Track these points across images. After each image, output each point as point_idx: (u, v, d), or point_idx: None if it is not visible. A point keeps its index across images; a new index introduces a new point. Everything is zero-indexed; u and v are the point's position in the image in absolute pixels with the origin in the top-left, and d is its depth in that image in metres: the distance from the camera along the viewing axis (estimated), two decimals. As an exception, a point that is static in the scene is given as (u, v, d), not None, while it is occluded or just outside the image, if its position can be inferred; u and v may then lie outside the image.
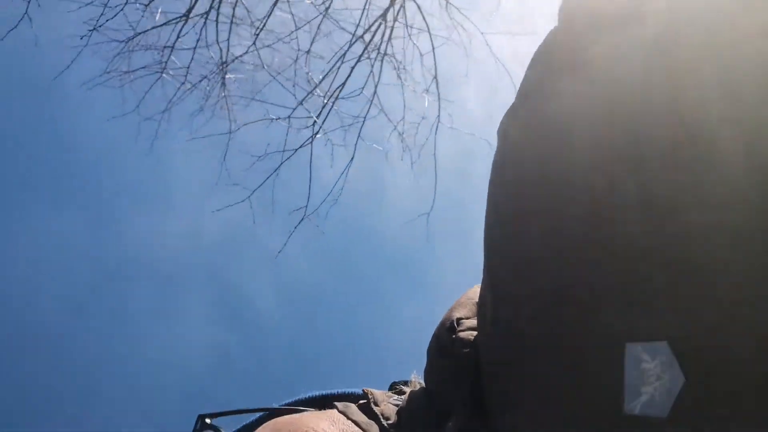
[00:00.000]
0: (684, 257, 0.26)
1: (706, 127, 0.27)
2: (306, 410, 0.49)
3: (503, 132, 0.39)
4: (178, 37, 3.78)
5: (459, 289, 0.50)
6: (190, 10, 3.82)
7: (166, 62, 3.84)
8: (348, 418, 0.43)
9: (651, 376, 0.26)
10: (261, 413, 0.52)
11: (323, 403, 0.54)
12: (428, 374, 0.45)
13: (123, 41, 3.73)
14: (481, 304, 0.40)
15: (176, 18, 3.79)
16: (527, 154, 0.35)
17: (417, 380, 0.50)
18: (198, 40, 3.77)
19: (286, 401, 0.54)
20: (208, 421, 0.46)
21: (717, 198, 0.26)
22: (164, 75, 3.83)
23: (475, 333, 0.41)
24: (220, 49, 3.86)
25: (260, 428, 0.44)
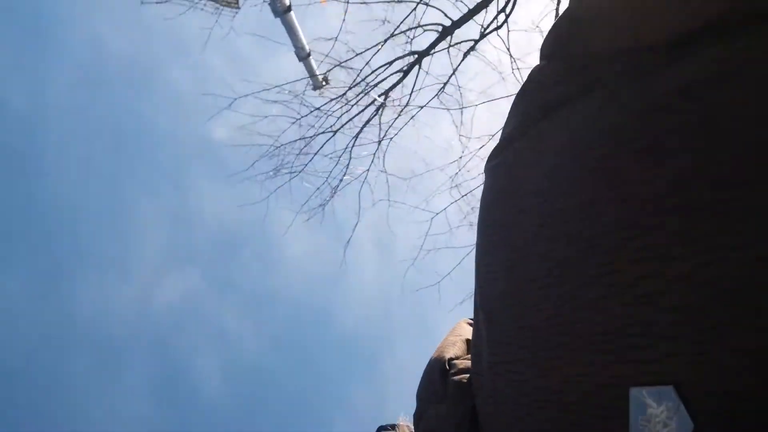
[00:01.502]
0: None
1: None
2: None
3: (493, 170, 0.39)
4: (321, 147, 5.39)
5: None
6: (335, 132, 5.44)
7: (305, 165, 5.43)
8: None
9: (657, 422, 0.25)
10: None
11: None
12: (419, 420, 0.43)
13: (274, 146, 5.40)
14: (476, 343, 0.38)
15: (324, 131, 5.41)
16: (516, 192, 0.35)
17: (406, 424, 0.48)
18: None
19: None
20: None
21: None
22: (300, 175, 5.39)
23: (469, 376, 0.39)
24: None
25: None
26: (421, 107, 5.76)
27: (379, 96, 5.72)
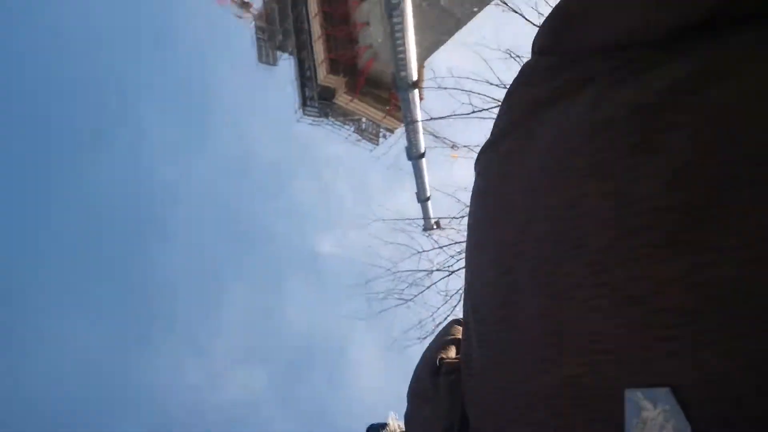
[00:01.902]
0: None
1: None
2: None
3: (482, 166, 0.38)
4: (434, 283, 5.93)
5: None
6: (452, 272, 5.93)
7: (413, 297, 5.96)
8: None
9: (653, 425, 0.24)
10: None
11: None
12: (410, 419, 0.42)
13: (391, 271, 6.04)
14: (466, 343, 0.37)
15: (441, 269, 5.95)
16: (506, 189, 0.34)
17: (396, 423, 0.47)
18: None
19: None
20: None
21: None
22: (408, 304, 5.93)
23: (458, 376, 0.38)
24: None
25: None
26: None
27: None
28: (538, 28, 0.38)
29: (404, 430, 0.44)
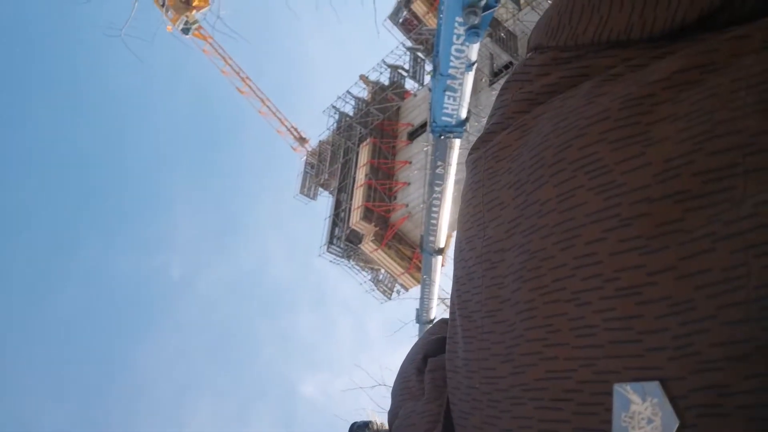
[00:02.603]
0: None
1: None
2: None
3: (474, 162, 0.38)
4: None
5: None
6: None
7: None
8: None
9: (641, 419, 0.24)
10: None
11: None
12: (394, 417, 0.40)
13: None
14: (452, 340, 0.36)
15: None
16: (497, 183, 0.34)
17: (378, 421, 0.45)
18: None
19: None
20: None
21: None
22: None
23: (444, 374, 0.37)
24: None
25: None
26: None
27: None
28: (535, 25, 0.38)
29: (387, 428, 0.42)
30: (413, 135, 13.64)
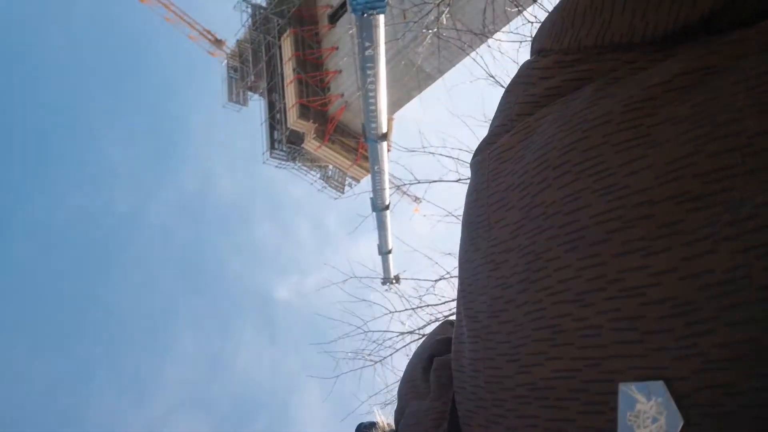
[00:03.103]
0: None
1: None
2: None
3: (478, 164, 0.38)
4: (405, 345, 5.56)
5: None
6: (424, 335, 5.78)
7: (383, 359, 5.61)
8: None
9: (646, 418, 0.24)
10: None
11: None
12: (400, 416, 0.41)
13: (362, 330, 5.56)
14: (458, 340, 0.37)
15: (413, 331, 5.58)
16: (501, 185, 0.34)
17: (385, 421, 0.46)
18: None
19: None
20: None
21: None
22: (374, 366, 5.59)
23: (450, 372, 0.38)
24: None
25: None
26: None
27: None
28: (538, 28, 0.37)
29: (394, 428, 0.43)
30: (334, 17, 12.84)
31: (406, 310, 5.91)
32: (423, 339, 0.47)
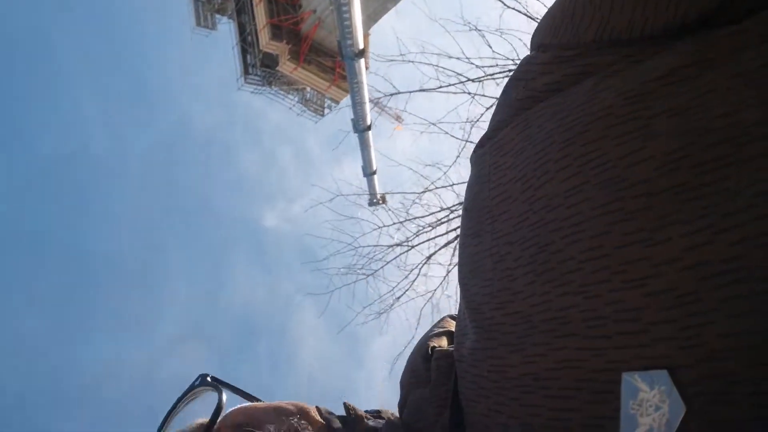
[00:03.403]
0: None
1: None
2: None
3: (479, 158, 0.39)
4: (395, 257, 5.63)
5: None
6: (412, 247, 5.73)
7: (374, 272, 5.68)
8: (330, 426, 0.40)
9: (649, 406, 0.25)
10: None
11: None
12: (403, 405, 0.42)
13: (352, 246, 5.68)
14: (460, 331, 0.38)
15: (401, 244, 5.71)
16: (502, 178, 0.35)
17: (389, 411, 0.46)
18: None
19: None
20: (209, 379, 0.44)
21: None
22: (367, 279, 5.68)
23: (452, 362, 0.39)
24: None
25: (255, 404, 0.42)
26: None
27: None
28: (537, 24, 0.38)
29: (397, 416, 0.44)
30: (300, -74, 11.96)
31: (394, 224, 5.98)
32: (424, 334, 0.48)
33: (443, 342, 0.44)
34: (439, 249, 5.86)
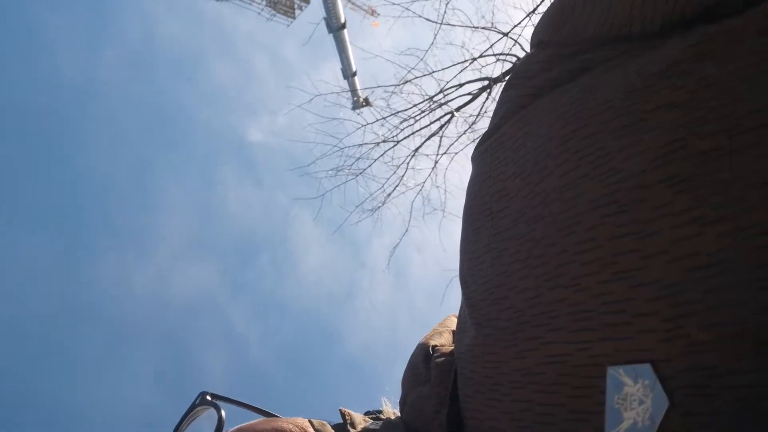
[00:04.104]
0: None
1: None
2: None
3: (479, 156, 0.39)
4: (382, 154, 5.72)
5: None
6: (398, 142, 5.84)
7: (363, 170, 5.74)
8: None
9: (633, 400, 0.25)
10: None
11: None
12: (404, 404, 0.43)
13: (338, 147, 5.77)
14: (460, 329, 0.38)
15: (387, 140, 5.77)
16: (501, 174, 0.35)
17: (390, 409, 0.47)
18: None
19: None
20: (209, 397, 0.44)
21: None
22: (357, 179, 5.72)
23: (451, 359, 0.39)
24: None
25: (256, 422, 0.42)
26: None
27: (446, 114, 5.82)
28: (537, 21, 0.38)
29: (399, 415, 0.44)
30: None
31: (378, 120, 5.92)
32: (428, 332, 0.48)
33: (444, 341, 0.45)
34: (425, 141, 5.84)
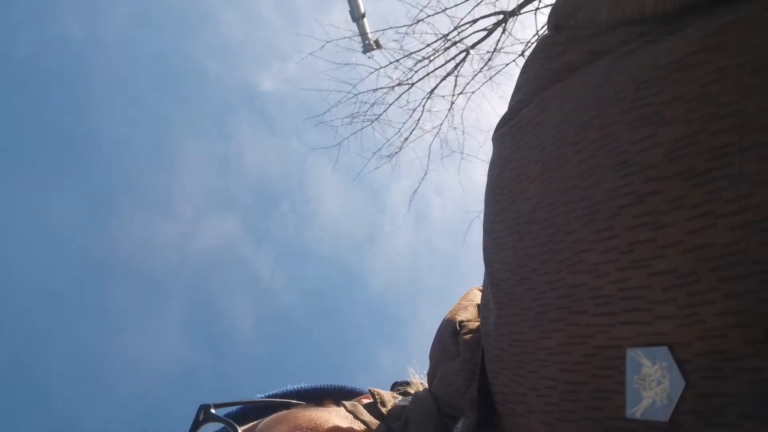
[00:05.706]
0: None
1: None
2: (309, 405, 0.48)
3: (500, 138, 0.39)
4: (397, 98, 5.66)
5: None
6: (413, 84, 5.73)
7: (378, 116, 5.70)
8: (356, 417, 0.42)
9: (652, 381, 0.26)
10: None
11: (313, 396, 0.53)
12: (432, 378, 0.44)
13: (352, 93, 5.73)
14: (484, 306, 0.39)
15: (401, 83, 5.66)
16: (522, 159, 0.35)
17: (418, 380, 0.49)
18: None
19: (273, 392, 0.52)
20: (213, 411, 0.44)
21: None
22: (372, 125, 5.67)
23: (478, 335, 0.40)
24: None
25: (274, 419, 0.43)
26: (507, 65, 5.57)
27: (461, 52, 5.64)
28: (553, 4, 0.38)
29: (426, 387, 0.46)
30: None
31: (391, 63, 5.75)
32: (453, 306, 0.49)
33: (470, 315, 0.46)
34: (440, 81, 5.69)
